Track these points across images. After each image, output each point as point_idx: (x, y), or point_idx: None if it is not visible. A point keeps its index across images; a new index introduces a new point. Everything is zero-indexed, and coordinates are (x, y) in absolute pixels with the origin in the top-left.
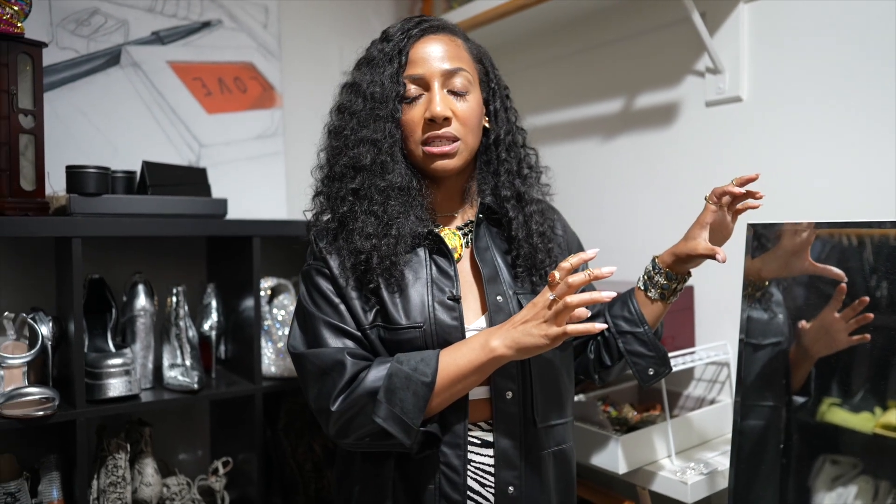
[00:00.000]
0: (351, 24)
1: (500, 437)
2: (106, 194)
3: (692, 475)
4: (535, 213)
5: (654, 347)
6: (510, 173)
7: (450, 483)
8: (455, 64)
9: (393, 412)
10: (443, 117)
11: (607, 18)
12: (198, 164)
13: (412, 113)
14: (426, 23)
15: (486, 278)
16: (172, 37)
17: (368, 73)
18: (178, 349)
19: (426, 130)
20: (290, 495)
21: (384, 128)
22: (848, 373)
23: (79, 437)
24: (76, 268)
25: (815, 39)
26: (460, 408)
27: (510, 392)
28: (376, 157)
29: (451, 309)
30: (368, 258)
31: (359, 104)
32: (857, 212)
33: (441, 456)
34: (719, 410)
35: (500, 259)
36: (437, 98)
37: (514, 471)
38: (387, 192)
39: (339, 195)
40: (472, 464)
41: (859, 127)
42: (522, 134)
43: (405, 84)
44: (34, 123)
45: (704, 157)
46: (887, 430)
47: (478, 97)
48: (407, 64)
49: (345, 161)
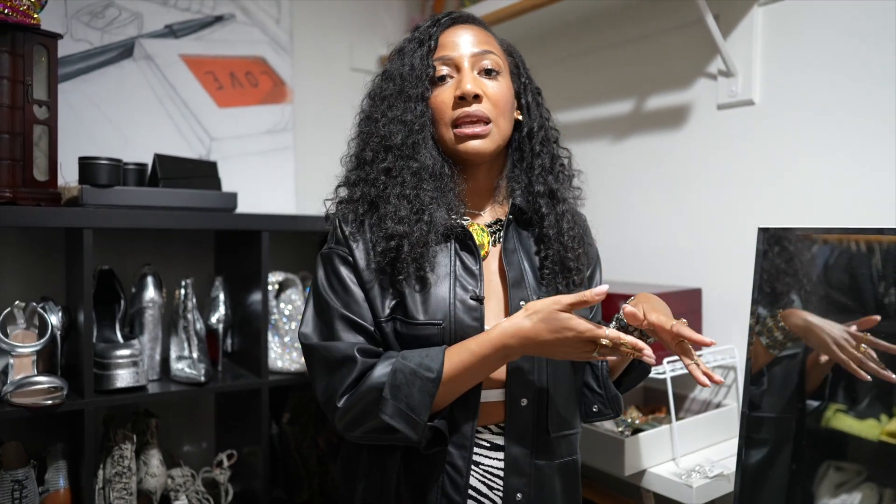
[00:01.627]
0: (362, 21)
1: (512, 444)
2: (117, 186)
3: (697, 478)
4: (566, 213)
5: (604, 386)
6: (544, 168)
7: (452, 483)
8: (485, 47)
9: (399, 408)
10: (473, 94)
11: (619, 19)
12: (208, 158)
13: (443, 94)
14: (455, 13)
15: (511, 281)
16: (185, 30)
17: (398, 61)
18: (185, 341)
19: (457, 108)
20: (295, 489)
21: (414, 108)
22: (854, 379)
23: (86, 426)
24: (87, 258)
25: (829, 43)
26: (469, 409)
27: (525, 399)
28: (406, 137)
29: (472, 309)
30: (399, 245)
31: (389, 88)
32: (869, 216)
33: (447, 456)
34: (725, 414)
35: (526, 263)
36: (467, 76)
37: (523, 478)
38: (419, 175)
39: (370, 178)
40: (482, 466)
41: (872, 132)
42: (556, 133)
43: (435, 66)
44: (48, 114)
45: (716, 160)
46: (893, 438)
47: (509, 83)
48: (437, 48)
49: (375, 142)
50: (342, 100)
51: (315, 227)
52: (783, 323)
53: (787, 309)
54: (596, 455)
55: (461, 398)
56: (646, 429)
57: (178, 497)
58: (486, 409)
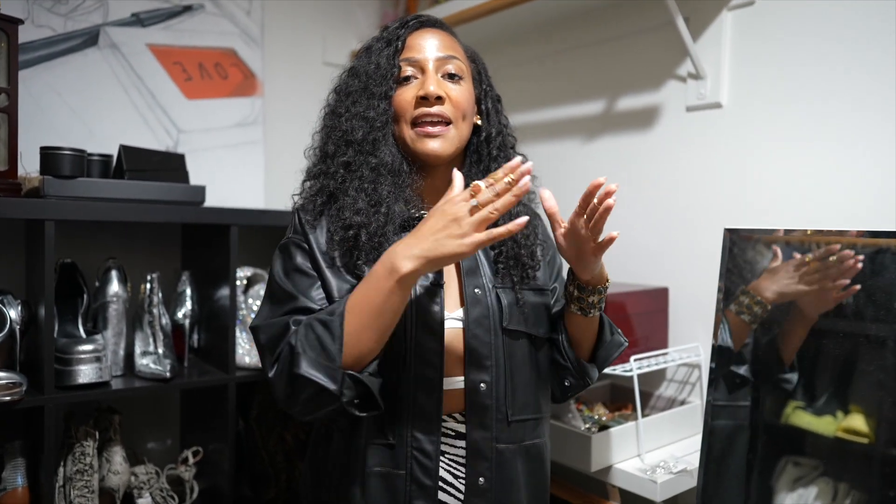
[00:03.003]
0: (335, 15)
1: (473, 429)
2: (81, 177)
3: (662, 474)
4: (520, 213)
5: (566, 356)
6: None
7: (422, 468)
8: (449, 52)
9: (312, 358)
10: (436, 95)
11: (590, 20)
12: (176, 150)
13: (405, 94)
14: (424, 17)
15: (464, 270)
16: (153, 19)
17: (365, 58)
18: (150, 336)
19: (418, 107)
20: (261, 486)
21: (377, 105)
22: (812, 377)
23: (46, 423)
24: (48, 251)
25: (797, 47)
26: (434, 393)
27: (483, 384)
28: (368, 133)
29: (432, 293)
30: (357, 234)
31: (354, 84)
32: (833, 218)
33: (414, 441)
34: (690, 411)
35: (482, 254)
36: (431, 78)
37: (485, 462)
38: (378, 171)
39: (330, 171)
40: (447, 455)
41: (837, 135)
42: (513, 139)
43: (400, 66)
44: (8, 102)
45: (684, 161)
46: (848, 434)
47: (470, 88)
48: (403, 49)
49: (337, 136)
50: (314, 94)
51: (284, 221)
52: (758, 297)
53: (752, 282)
54: (563, 451)
55: (424, 384)
56: (612, 426)
57: (141, 495)
58: (449, 396)
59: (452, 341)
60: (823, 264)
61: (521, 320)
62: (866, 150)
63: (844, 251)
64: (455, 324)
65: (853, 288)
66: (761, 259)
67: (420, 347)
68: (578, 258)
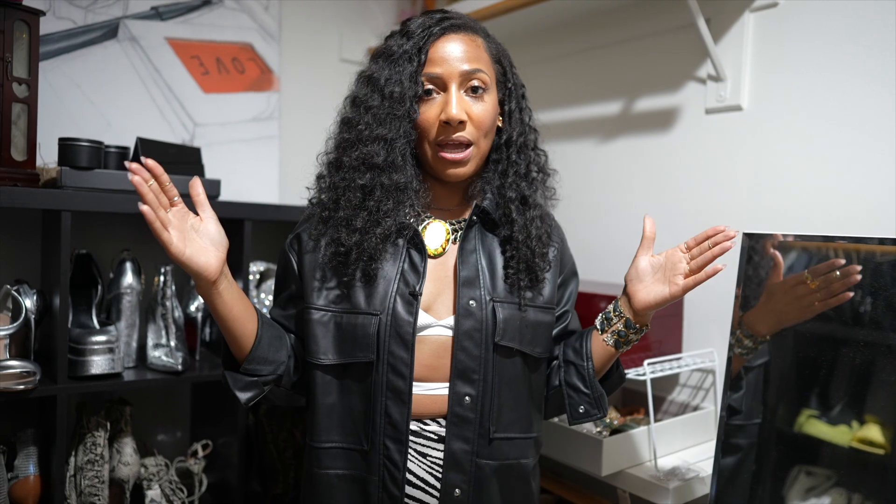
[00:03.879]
0: (352, 12)
1: (453, 439)
2: (98, 168)
3: (674, 480)
4: (536, 218)
5: (591, 386)
6: (518, 175)
7: (391, 478)
8: (474, 65)
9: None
10: (458, 120)
11: (609, 20)
12: (192, 144)
13: (428, 112)
14: (447, 20)
15: (462, 281)
16: (172, 13)
17: (387, 69)
18: (163, 329)
19: (440, 133)
20: (269, 481)
21: (399, 127)
22: (827, 386)
23: (59, 412)
24: (64, 242)
25: (819, 50)
26: (402, 401)
27: (468, 398)
28: (388, 155)
29: (408, 303)
30: (348, 252)
31: (375, 100)
32: (854, 223)
33: (384, 450)
34: (703, 417)
35: (484, 263)
36: (453, 100)
37: (462, 475)
38: (389, 190)
39: (343, 185)
40: (429, 458)
41: (858, 140)
42: (535, 135)
43: (423, 83)
44: (28, 93)
45: (702, 164)
46: (863, 444)
47: (494, 99)
48: (426, 62)
49: (356, 155)
50: (330, 90)
51: (298, 217)
52: (750, 331)
53: (746, 312)
54: (574, 455)
55: (393, 390)
56: (624, 430)
57: (151, 486)
58: (434, 401)
59: (438, 349)
60: (826, 279)
61: (515, 337)
62: (889, 154)
63: (849, 266)
64: (444, 332)
65: (845, 295)
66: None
67: (391, 356)
68: (647, 288)
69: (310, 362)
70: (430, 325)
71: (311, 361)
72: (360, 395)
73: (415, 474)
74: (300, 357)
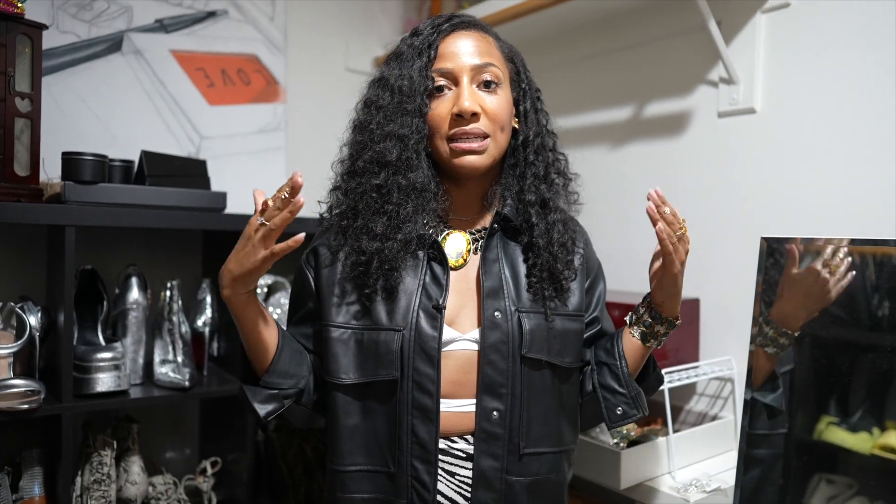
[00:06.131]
0: (358, 22)
1: (482, 457)
2: (102, 183)
3: (694, 492)
4: (558, 223)
5: (626, 385)
6: (537, 177)
7: (420, 499)
8: (485, 59)
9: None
10: (471, 112)
11: (620, 23)
12: (197, 156)
13: (440, 108)
14: (457, 18)
15: (486, 292)
16: (176, 25)
17: (397, 68)
18: (170, 345)
19: (453, 126)
20: (280, 498)
21: (411, 122)
22: (847, 392)
23: (64, 432)
24: (68, 257)
25: (832, 51)
26: (429, 419)
27: (496, 413)
28: (402, 153)
29: (432, 317)
30: (370, 260)
31: (386, 98)
32: (869, 226)
33: (412, 471)
34: (722, 427)
35: (508, 272)
36: (465, 93)
37: (492, 493)
38: (406, 191)
39: (359, 190)
40: (457, 477)
41: (874, 142)
42: (553, 137)
43: (433, 78)
44: (31, 107)
45: (715, 168)
46: (885, 452)
47: (508, 95)
48: (436, 58)
49: (369, 156)
50: (336, 100)
51: (306, 229)
52: (783, 328)
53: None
54: (591, 467)
55: (420, 409)
56: (642, 441)
57: None
58: (461, 418)
59: (465, 364)
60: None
61: (543, 348)
62: None
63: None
64: (469, 346)
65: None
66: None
67: (416, 373)
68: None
69: (329, 382)
70: (455, 339)
71: (330, 381)
72: (384, 415)
73: (443, 494)
74: (319, 375)
